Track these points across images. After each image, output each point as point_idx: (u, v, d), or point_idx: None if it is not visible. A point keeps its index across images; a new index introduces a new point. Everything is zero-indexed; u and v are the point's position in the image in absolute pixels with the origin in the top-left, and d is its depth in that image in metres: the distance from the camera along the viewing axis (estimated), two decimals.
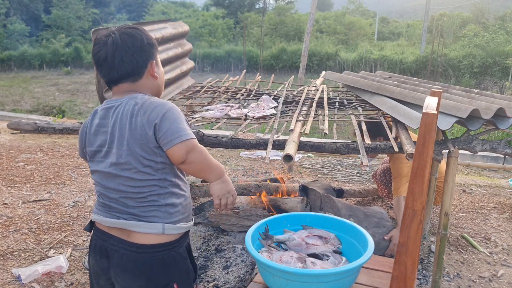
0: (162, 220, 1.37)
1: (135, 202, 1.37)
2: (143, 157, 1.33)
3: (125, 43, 1.36)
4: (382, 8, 38.28)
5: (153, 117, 1.31)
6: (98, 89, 2.31)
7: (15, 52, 21.89)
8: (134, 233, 1.37)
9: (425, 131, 1.22)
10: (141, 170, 1.34)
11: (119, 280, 1.41)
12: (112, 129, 1.36)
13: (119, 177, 1.36)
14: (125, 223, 1.37)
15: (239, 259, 2.60)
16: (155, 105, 1.33)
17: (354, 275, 1.65)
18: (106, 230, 1.42)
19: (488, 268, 2.72)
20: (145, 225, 1.36)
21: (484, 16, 26.45)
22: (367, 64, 18.65)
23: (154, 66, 1.43)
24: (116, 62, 1.36)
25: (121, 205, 1.39)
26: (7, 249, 2.86)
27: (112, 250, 1.40)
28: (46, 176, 4.39)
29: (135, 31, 1.40)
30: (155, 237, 1.37)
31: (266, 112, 2.49)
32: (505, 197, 4.03)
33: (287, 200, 3.10)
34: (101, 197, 1.43)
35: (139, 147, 1.33)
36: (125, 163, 1.34)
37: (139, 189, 1.36)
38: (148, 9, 33.53)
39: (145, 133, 1.31)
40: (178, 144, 1.30)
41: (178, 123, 1.33)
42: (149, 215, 1.37)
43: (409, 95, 2.39)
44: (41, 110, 9.89)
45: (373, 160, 5.23)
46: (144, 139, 1.32)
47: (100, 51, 1.37)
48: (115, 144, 1.36)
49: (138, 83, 1.41)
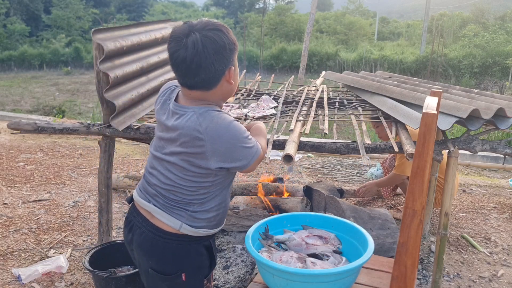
0: (184, 220, 1.42)
1: (168, 196, 1.43)
2: (188, 172, 1.37)
3: (206, 49, 1.26)
4: (382, 8, 38.27)
5: (220, 148, 1.30)
6: (98, 89, 2.31)
7: (15, 52, 21.89)
8: (155, 218, 1.44)
9: (425, 131, 1.22)
10: (185, 178, 1.39)
11: (135, 254, 1.52)
12: (174, 136, 1.35)
13: (169, 172, 1.40)
14: (151, 207, 1.44)
15: (239, 259, 2.60)
16: (219, 133, 1.30)
17: (354, 275, 1.64)
18: (138, 208, 1.50)
19: (488, 268, 2.72)
20: (166, 216, 1.42)
21: (484, 16, 26.44)
22: (367, 64, 18.64)
23: (232, 73, 1.36)
24: (193, 68, 1.27)
25: (156, 192, 1.44)
26: (7, 249, 2.86)
27: (136, 227, 1.48)
28: (46, 176, 4.39)
29: (218, 34, 1.28)
30: (171, 228, 1.43)
31: (266, 112, 2.49)
32: (505, 197, 4.03)
33: (287, 200, 3.10)
34: (145, 177, 1.51)
35: (191, 163, 1.35)
36: (177, 153, 1.36)
37: (173, 189, 1.41)
38: (148, 9, 33.55)
39: (206, 160, 1.32)
40: (253, 164, 1.37)
41: (244, 146, 1.33)
42: (174, 212, 1.43)
43: (409, 95, 2.39)
44: (41, 110, 9.89)
45: (373, 161, 5.23)
46: (202, 162, 1.33)
47: (177, 51, 1.28)
48: (169, 150, 1.38)
49: (210, 91, 1.35)
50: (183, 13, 31.26)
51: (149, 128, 2.34)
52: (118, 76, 2.24)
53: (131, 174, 4.09)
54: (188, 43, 1.26)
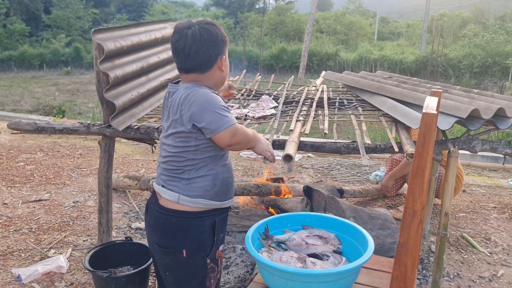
0: (180, 191, 1.54)
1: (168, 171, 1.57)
2: (174, 134, 1.54)
3: (202, 37, 1.51)
4: (382, 8, 38.26)
5: (193, 110, 1.48)
6: (98, 89, 2.31)
7: (15, 52, 21.88)
8: (161, 197, 1.60)
9: (425, 131, 1.22)
10: (173, 145, 1.55)
11: (147, 232, 1.69)
12: (168, 112, 1.58)
13: (166, 147, 1.58)
14: (158, 188, 1.62)
15: (239, 259, 2.60)
16: (193, 98, 1.49)
17: (354, 275, 1.64)
18: (154, 192, 1.67)
19: (488, 268, 2.72)
20: (166, 192, 1.57)
21: (484, 16, 26.43)
22: (367, 64, 18.64)
23: (223, 61, 1.59)
24: (192, 53, 1.51)
25: (161, 170, 1.61)
26: (7, 249, 2.86)
27: (149, 208, 1.66)
28: (46, 176, 4.39)
29: (212, 27, 1.55)
30: (172, 204, 1.56)
31: (266, 112, 2.49)
32: (505, 197, 4.03)
33: (287, 200, 3.10)
34: (159, 165, 1.65)
35: (175, 128, 1.53)
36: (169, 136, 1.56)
37: (172, 162, 1.56)
38: (148, 9, 33.54)
39: (183, 121, 1.50)
40: (222, 131, 1.48)
41: (218, 112, 1.48)
42: (171, 184, 1.57)
43: (409, 95, 2.39)
44: (41, 110, 9.88)
45: (373, 161, 5.23)
46: (182, 125, 1.50)
47: (179, 40, 1.52)
48: (168, 123, 1.57)
49: (205, 74, 1.56)
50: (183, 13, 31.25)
51: (149, 128, 2.34)
52: (118, 76, 2.24)
53: (131, 174, 4.09)
54: (188, 33, 1.51)
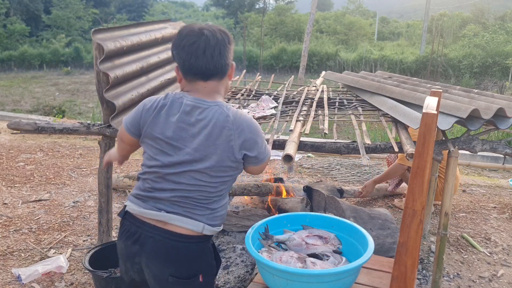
0: (205, 221, 1.42)
1: (188, 200, 1.40)
2: (218, 167, 1.39)
3: (223, 40, 1.38)
4: (382, 8, 38.27)
5: (246, 138, 1.39)
6: (98, 89, 2.31)
7: (15, 52, 21.87)
8: (171, 225, 1.39)
9: (425, 131, 1.22)
10: (210, 174, 1.39)
11: (150, 266, 1.42)
12: (197, 131, 1.37)
13: (186, 173, 1.38)
14: (167, 216, 1.39)
15: (239, 259, 2.60)
16: (246, 123, 1.40)
17: (354, 275, 1.64)
18: (140, 217, 1.43)
19: (488, 268, 2.72)
20: (187, 221, 1.39)
21: (484, 16, 26.44)
22: (367, 64, 18.64)
23: (233, 69, 1.48)
24: (216, 55, 1.36)
25: (171, 200, 1.40)
26: (7, 249, 2.86)
27: (147, 237, 1.40)
28: (46, 176, 4.39)
29: (226, 31, 1.43)
30: (191, 232, 1.41)
31: (266, 112, 2.49)
32: (505, 197, 4.03)
33: (287, 200, 3.10)
34: (150, 186, 1.42)
35: (220, 158, 1.37)
36: (199, 163, 1.37)
37: (198, 188, 1.39)
38: (148, 9, 33.54)
39: (232, 149, 1.38)
40: (262, 165, 1.47)
41: (264, 144, 1.46)
42: (195, 213, 1.41)
43: (409, 95, 2.38)
44: (41, 110, 9.88)
45: (373, 161, 5.23)
46: (230, 153, 1.38)
47: (196, 41, 1.35)
48: (194, 146, 1.36)
49: (222, 81, 1.44)
50: (183, 13, 31.25)
51: None
52: (118, 76, 2.24)
53: (131, 174, 4.09)
54: (207, 34, 1.36)
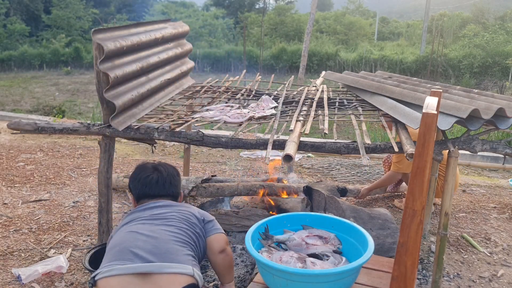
0: (192, 264, 1.56)
1: (167, 242, 1.59)
2: (188, 221, 1.75)
3: (174, 173, 1.94)
4: (382, 8, 38.28)
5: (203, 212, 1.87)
6: (98, 89, 2.31)
7: (15, 52, 21.85)
8: (160, 282, 1.42)
9: (425, 131, 1.22)
10: (184, 226, 1.72)
11: None
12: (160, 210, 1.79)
13: (160, 226, 1.68)
14: (151, 265, 1.43)
15: (239, 259, 2.60)
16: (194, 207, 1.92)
17: (354, 275, 1.65)
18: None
19: (488, 268, 2.72)
20: (175, 265, 1.45)
21: (484, 16, 26.44)
22: (367, 64, 18.64)
23: (182, 196, 2.00)
24: (167, 185, 1.87)
25: (149, 245, 1.56)
26: (7, 249, 2.86)
27: None
28: (46, 176, 4.39)
29: (175, 168, 1.98)
30: (184, 279, 1.45)
31: (266, 112, 2.49)
32: (505, 197, 4.03)
33: (287, 200, 3.10)
34: (121, 246, 1.57)
35: (186, 217, 1.77)
36: (170, 219, 1.73)
37: (176, 235, 1.64)
38: (148, 9, 33.51)
39: (195, 214, 1.81)
40: (221, 233, 1.80)
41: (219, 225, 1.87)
42: (180, 256, 1.54)
43: (409, 95, 2.39)
44: (41, 110, 9.88)
45: (373, 161, 5.23)
46: (193, 217, 1.79)
47: (150, 175, 1.86)
48: (161, 212, 1.78)
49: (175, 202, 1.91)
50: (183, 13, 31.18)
51: (149, 128, 2.34)
52: (118, 76, 2.24)
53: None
54: (160, 169, 1.91)
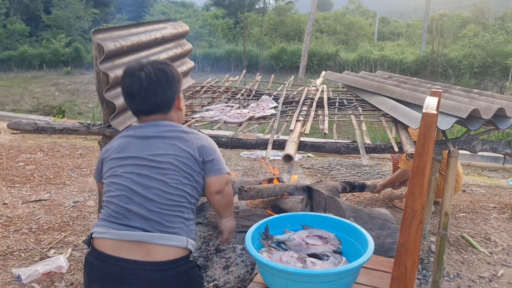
0: (186, 234, 1.39)
1: (161, 208, 1.35)
2: (183, 166, 1.43)
3: (158, 79, 1.46)
4: (382, 8, 38.29)
5: (204, 144, 1.48)
6: (98, 89, 2.31)
7: (15, 52, 21.85)
8: (152, 250, 1.32)
9: (425, 131, 1.22)
10: (177, 178, 1.40)
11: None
12: (154, 140, 1.45)
13: (152, 179, 1.38)
14: (146, 235, 1.31)
15: (239, 259, 2.60)
16: (203, 135, 1.52)
17: (354, 275, 1.64)
18: (115, 253, 1.33)
19: (488, 268, 2.72)
20: (169, 237, 1.34)
21: (484, 16, 26.43)
22: (367, 64, 18.64)
23: (181, 100, 1.57)
24: (149, 96, 1.46)
25: (144, 210, 1.34)
26: (7, 249, 2.86)
27: (129, 274, 1.31)
28: (46, 176, 4.39)
29: (167, 67, 1.51)
30: (176, 251, 1.36)
31: (266, 112, 2.49)
32: (505, 197, 4.03)
33: (287, 200, 3.09)
34: (118, 201, 1.37)
35: (183, 158, 1.43)
36: (164, 168, 1.40)
37: (170, 196, 1.38)
38: (148, 9, 33.49)
39: (193, 151, 1.45)
40: (222, 175, 1.50)
41: (222, 158, 1.52)
42: (174, 226, 1.36)
43: (409, 95, 2.39)
44: (41, 110, 9.88)
45: (373, 161, 5.23)
46: (190, 154, 1.44)
47: (132, 83, 1.46)
48: (153, 152, 1.42)
49: (167, 115, 1.53)
50: (183, 13, 31.17)
51: None
52: (118, 76, 2.24)
53: None
54: (141, 76, 1.45)
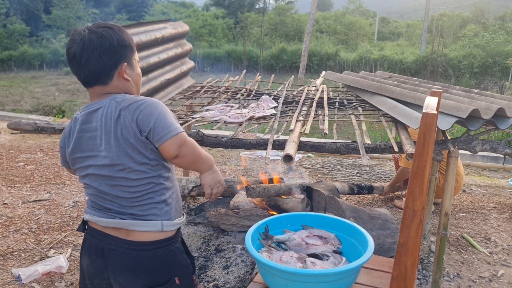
0: (161, 218, 1.38)
1: (131, 202, 1.36)
2: (135, 156, 1.32)
3: (92, 43, 1.32)
4: (382, 8, 38.28)
5: (139, 115, 1.30)
6: None
7: (15, 52, 21.86)
8: (133, 232, 1.36)
9: (425, 131, 1.22)
10: (135, 169, 1.33)
11: (119, 280, 1.39)
12: (99, 132, 1.33)
13: (113, 179, 1.34)
14: (123, 222, 1.36)
15: (239, 259, 2.60)
16: (138, 103, 1.31)
17: (354, 275, 1.64)
18: (102, 229, 1.40)
19: (488, 268, 2.72)
20: (143, 223, 1.36)
21: (484, 16, 26.43)
22: (367, 64, 18.64)
23: (124, 68, 1.38)
24: (83, 62, 1.32)
25: (117, 206, 1.37)
26: (7, 249, 2.86)
27: (110, 250, 1.38)
28: (46, 176, 4.39)
29: (106, 30, 1.34)
30: (154, 235, 1.37)
31: (266, 112, 2.49)
32: (505, 197, 4.03)
33: (287, 200, 3.09)
34: (94, 199, 1.42)
35: (130, 148, 1.31)
36: (118, 164, 1.33)
37: (135, 189, 1.35)
38: (148, 9, 33.51)
39: (133, 132, 1.30)
40: (170, 139, 1.30)
41: (166, 118, 1.31)
42: (147, 214, 1.37)
43: (409, 95, 2.39)
44: (41, 110, 9.88)
45: (373, 161, 5.23)
46: (133, 138, 1.30)
47: (70, 48, 1.34)
48: (103, 147, 1.33)
49: (109, 85, 1.37)
50: (183, 13, 31.17)
51: None
52: None
53: None
54: (77, 39, 1.33)
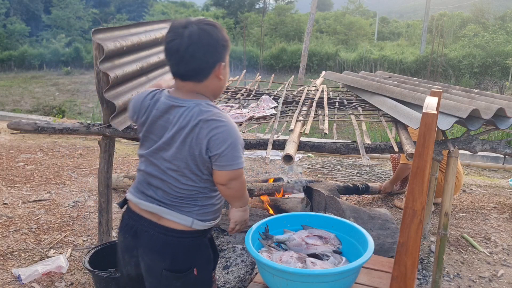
0: (194, 216, 1.45)
1: (173, 198, 1.44)
2: (191, 166, 1.39)
3: (201, 40, 1.32)
4: (382, 8, 38.29)
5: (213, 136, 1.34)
6: (98, 89, 2.31)
7: (15, 52, 21.85)
8: (164, 218, 1.44)
9: (425, 131, 1.22)
10: (187, 176, 1.41)
11: (145, 259, 1.48)
12: (173, 130, 1.38)
13: (165, 174, 1.43)
14: (158, 208, 1.44)
15: (239, 259, 2.60)
16: (218, 124, 1.35)
17: (354, 275, 1.64)
18: (138, 211, 1.48)
19: (488, 268, 2.72)
20: (176, 215, 1.43)
21: (484, 16, 26.43)
22: (367, 64, 18.63)
23: (222, 68, 1.41)
24: (187, 57, 1.33)
25: (159, 197, 1.45)
26: (7, 249, 2.86)
27: (142, 231, 1.46)
28: (46, 176, 4.39)
29: (214, 29, 1.36)
30: (183, 226, 1.45)
31: (266, 112, 2.49)
32: (505, 197, 4.03)
33: (287, 200, 3.09)
34: (141, 180, 1.50)
35: (191, 157, 1.38)
36: (174, 165, 1.40)
37: (181, 191, 1.44)
38: (148, 9, 33.50)
39: (200, 147, 1.36)
40: (228, 171, 1.38)
41: (235, 150, 1.37)
42: (183, 210, 1.45)
43: (409, 95, 2.39)
44: (41, 110, 9.88)
45: (373, 161, 5.23)
46: (198, 151, 1.37)
47: (173, 40, 1.34)
48: (171, 145, 1.39)
49: (202, 84, 1.40)
50: (183, 13, 31.17)
51: None
52: (118, 76, 2.24)
53: (131, 174, 4.09)
54: (184, 33, 1.32)
